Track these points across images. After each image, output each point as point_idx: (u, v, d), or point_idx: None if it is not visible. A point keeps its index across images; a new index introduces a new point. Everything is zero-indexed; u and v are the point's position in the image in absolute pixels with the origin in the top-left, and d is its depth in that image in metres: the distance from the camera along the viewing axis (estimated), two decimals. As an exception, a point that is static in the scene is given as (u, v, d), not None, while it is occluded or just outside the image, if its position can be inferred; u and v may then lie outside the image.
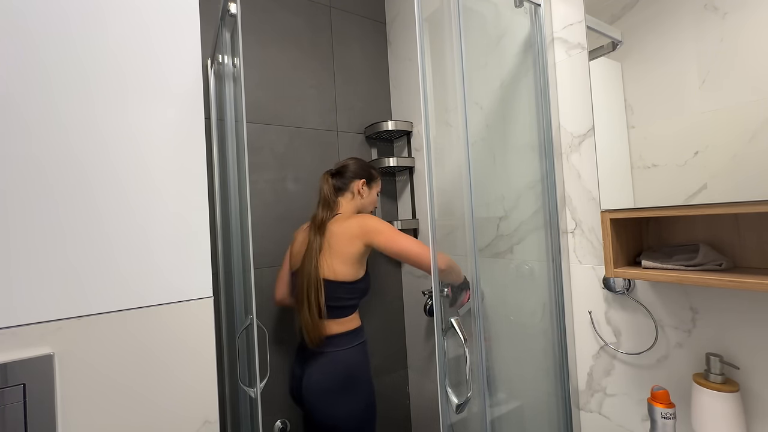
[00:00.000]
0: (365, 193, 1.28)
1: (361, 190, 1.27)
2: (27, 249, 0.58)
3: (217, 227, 1.19)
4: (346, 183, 1.27)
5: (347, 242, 1.13)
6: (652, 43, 0.73)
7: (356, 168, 1.28)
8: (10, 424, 0.54)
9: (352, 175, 1.27)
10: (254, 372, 0.80)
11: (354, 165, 1.29)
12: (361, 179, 1.27)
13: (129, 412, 0.63)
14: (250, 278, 0.78)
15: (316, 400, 1.10)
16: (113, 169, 0.65)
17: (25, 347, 0.57)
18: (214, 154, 1.20)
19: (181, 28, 0.72)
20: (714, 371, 0.71)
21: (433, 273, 0.81)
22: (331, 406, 1.09)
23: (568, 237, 1.02)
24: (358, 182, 1.26)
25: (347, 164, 1.29)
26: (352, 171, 1.27)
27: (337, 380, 1.10)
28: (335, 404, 1.09)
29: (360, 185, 1.26)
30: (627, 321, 0.91)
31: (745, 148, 0.62)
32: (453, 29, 0.84)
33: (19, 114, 0.59)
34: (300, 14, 1.52)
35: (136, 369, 0.64)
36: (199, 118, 0.73)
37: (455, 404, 1.01)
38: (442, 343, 0.81)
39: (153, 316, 0.66)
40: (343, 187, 1.26)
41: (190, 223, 0.71)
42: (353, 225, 1.14)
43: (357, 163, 1.30)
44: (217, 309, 1.09)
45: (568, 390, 1.00)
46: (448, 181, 1.25)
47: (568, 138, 1.01)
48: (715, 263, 0.68)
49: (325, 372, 1.11)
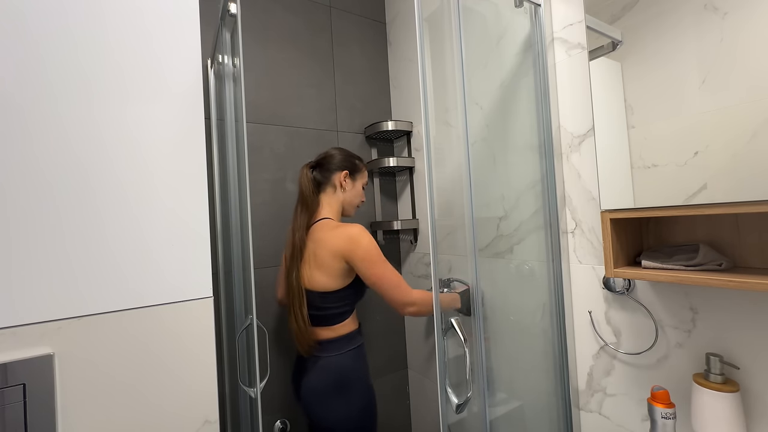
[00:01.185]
0: (348, 186, 1.19)
1: (344, 182, 1.18)
2: (27, 249, 0.58)
3: (217, 227, 1.19)
4: (327, 176, 1.18)
5: (331, 257, 1.07)
6: (652, 43, 0.73)
7: (338, 159, 1.19)
8: (10, 424, 0.54)
9: (333, 166, 1.18)
10: (254, 372, 0.80)
11: (336, 155, 1.20)
12: (343, 170, 1.18)
13: (129, 412, 0.63)
14: (250, 278, 0.78)
15: (312, 403, 1.10)
16: (113, 169, 0.65)
17: (25, 347, 0.57)
18: (214, 154, 1.20)
19: (181, 27, 0.72)
20: (714, 371, 0.71)
21: (433, 274, 0.81)
22: (327, 409, 1.08)
23: (568, 237, 1.02)
24: (339, 174, 1.17)
25: (328, 154, 1.20)
26: (333, 162, 1.18)
27: (331, 385, 1.08)
28: (330, 408, 1.08)
29: (342, 177, 1.17)
30: (627, 321, 0.91)
31: (745, 147, 0.62)
32: (453, 29, 0.84)
33: (19, 114, 0.59)
34: (300, 14, 1.52)
35: (136, 369, 0.64)
36: (199, 117, 0.73)
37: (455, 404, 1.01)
38: (442, 343, 0.81)
39: (153, 316, 0.66)
40: (323, 180, 1.18)
41: (190, 223, 0.71)
42: (339, 240, 1.07)
43: (340, 153, 1.21)
44: (217, 309, 1.09)
45: (568, 390, 1.00)
46: (448, 181, 1.25)
47: (568, 138, 1.01)
48: (715, 263, 0.68)
49: (319, 377, 1.10)
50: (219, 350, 1.04)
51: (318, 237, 1.11)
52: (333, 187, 1.18)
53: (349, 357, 1.12)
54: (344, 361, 1.11)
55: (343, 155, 1.20)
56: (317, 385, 1.09)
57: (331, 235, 1.09)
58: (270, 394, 1.35)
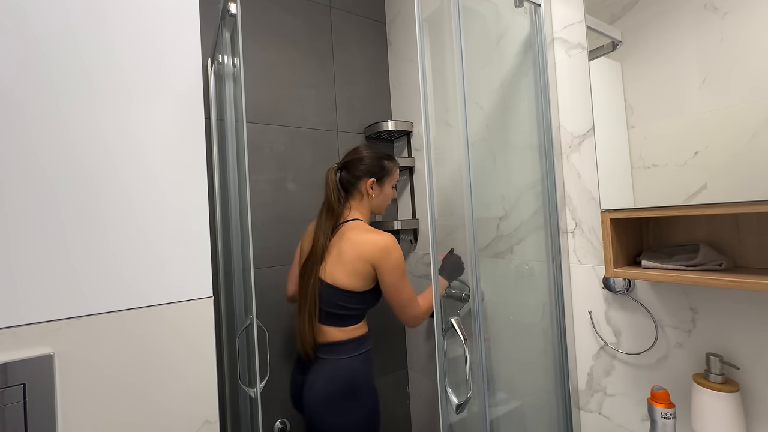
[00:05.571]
0: (376, 193, 1.15)
1: (370, 190, 1.14)
2: (27, 249, 0.58)
3: (217, 227, 1.19)
4: (354, 183, 1.14)
5: (358, 260, 1.05)
6: (652, 43, 0.73)
7: (365, 164, 1.14)
8: (10, 424, 0.54)
9: (360, 172, 1.14)
10: (254, 372, 0.80)
11: (364, 158, 1.14)
12: (370, 178, 1.13)
13: (129, 412, 0.63)
14: (250, 278, 0.78)
15: (318, 408, 1.05)
16: (114, 168, 0.65)
17: (25, 347, 0.57)
18: (214, 154, 1.20)
19: (181, 26, 0.72)
20: (714, 371, 0.71)
21: (433, 273, 0.81)
22: (334, 414, 1.04)
23: (568, 237, 1.02)
24: (366, 182, 1.13)
25: (355, 158, 1.15)
26: (360, 168, 1.14)
27: (340, 389, 1.05)
28: (337, 413, 1.04)
29: (369, 185, 1.13)
30: (627, 321, 0.91)
31: (745, 147, 0.62)
32: (453, 29, 0.84)
33: (19, 112, 0.59)
34: (300, 14, 1.52)
35: (136, 369, 0.64)
36: (200, 116, 0.73)
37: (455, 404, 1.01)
38: (442, 343, 0.81)
39: (153, 316, 0.66)
40: (350, 186, 1.15)
41: (190, 223, 0.71)
42: (372, 247, 1.04)
43: (368, 155, 1.15)
44: (217, 309, 1.08)
45: (568, 390, 1.00)
46: (448, 181, 1.25)
47: (568, 138, 1.01)
48: (715, 263, 0.68)
49: (326, 380, 1.06)
50: (219, 350, 1.04)
51: (348, 236, 1.08)
52: (360, 194, 1.15)
53: (358, 361, 1.09)
54: (354, 365, 1.08)
55: (370, 159, 1.15)
56: (324, 390, 1.05)
57: (363, 238, 1.06)
58: (270, 394, 1.35)
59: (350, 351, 1.08)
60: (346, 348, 1.08)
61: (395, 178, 1.21)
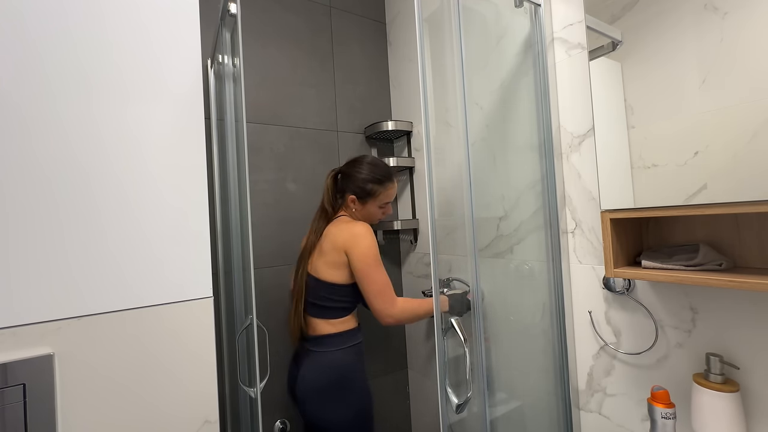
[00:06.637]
0: (358, 208, 1.20)
1: (352, 204, 1.19)
2: (27, 249, 0.58)
3: (217, 227, 1.19)
4: (341, 192, 1.22)
5: (332, 248, 1.12)
6: (652, 43, 0.73)
7: (355, 180, 1.18)
8: (10, 424, 0.54)
9: (348, 187, 1.19)
10: (254, 372, 0.80)
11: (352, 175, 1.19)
12: (352, 195, 1.18)
13: (129, 412, 0.63)
14: (250, 278, 0.78)
15: (308, 399, 1.10)
16: (112, 169, 0.65)
17: (25, 347, 0.57)
18: (214, 155, 1.20)
19: (180, 27, 0.72)
20: (714, 371, 0.71)
21: (433, 274, 0.81)
22: (322, 406, 1.08)
23: (568, 237, 1.02)
24: (348, 197, 1.19)
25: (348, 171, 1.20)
26: (350, 181, 1.19)
27: (328, 381, 1.08)
28: (325, 405, 1.08)
29: (350, 200, 1.19)
30: (627, 321, 0.91)
31: (745, 147, 0.62)
32: (453, 29, 0.84)
33: (18, 112, 0.59)
34: (300, 14, 1.52)
35: (136, 369, 0.64)
36: (199, 116, 0.73)
37: (455, 404, 1.01)
38: (442, 343, 0.81)
39: (153, 316, 0.66)
40: (340, 194, 1.23)
41: (190, 223, 0.71)
42: (344, 234, 1.11)
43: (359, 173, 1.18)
44: (217, 309, 1.09)
45: (568, 390, 1.00)
46: (448, 181, 1.25)
47: (568, 138, 1.01)
48: (715, 263, 0.68)
49: (316, 372, 1.10)
50: (219, 350, 1.04)
51: (329, 230, 1.17)
52: (346, 206, 1.21)
53: (347, 353, 1.12)
54: (343, 357, 1.11)
55: (360, 177, 1.17)
56: (314, 382, 1.09)
57: (338, 229, 1.14)
58: (270, 394, 1.35)
59: (339, 344, 1.13)
60: (334, 341, 1.13)
61: (383, 200, 1.21)
